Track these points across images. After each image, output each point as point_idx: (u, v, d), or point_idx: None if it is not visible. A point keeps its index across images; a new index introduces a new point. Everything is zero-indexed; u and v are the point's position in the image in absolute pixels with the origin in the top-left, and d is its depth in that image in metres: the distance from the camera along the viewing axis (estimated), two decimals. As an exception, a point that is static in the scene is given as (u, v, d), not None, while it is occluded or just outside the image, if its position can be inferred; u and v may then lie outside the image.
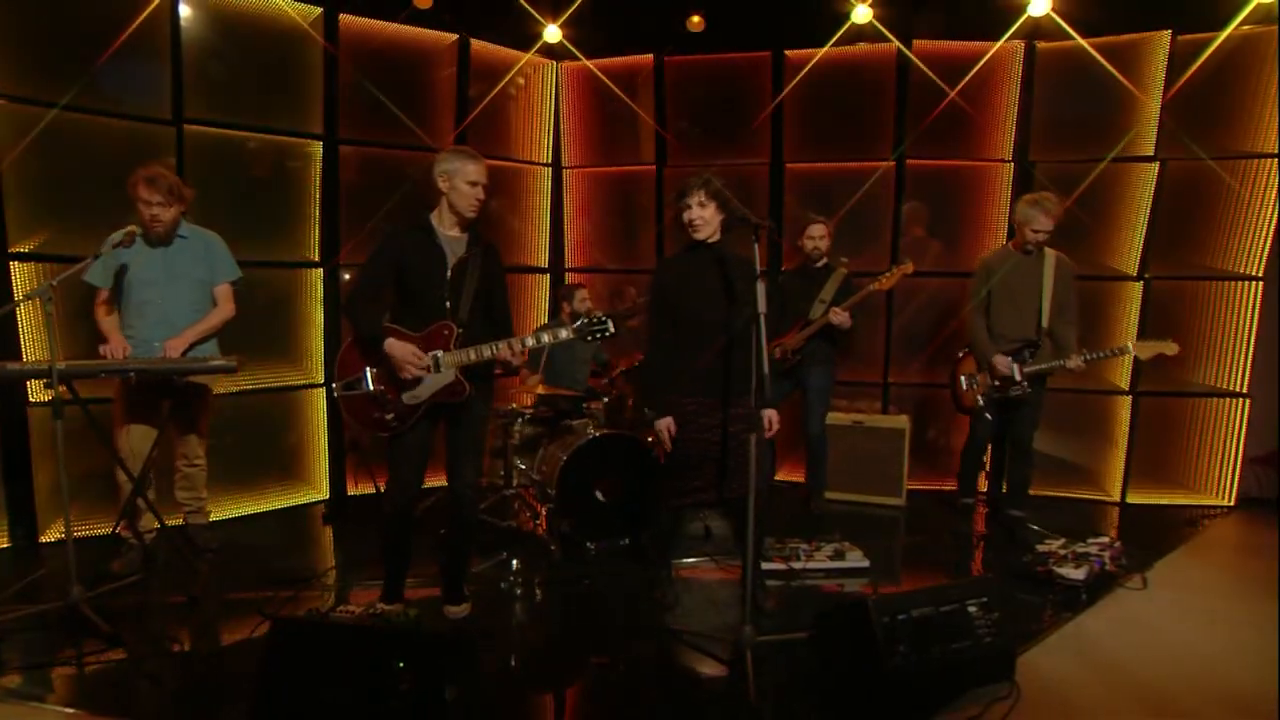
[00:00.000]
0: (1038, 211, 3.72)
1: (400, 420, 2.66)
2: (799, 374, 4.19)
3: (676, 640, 2.84)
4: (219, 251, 3.43)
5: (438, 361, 2.64)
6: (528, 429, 4.11)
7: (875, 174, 4.71)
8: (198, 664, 2.62)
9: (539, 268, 5.28)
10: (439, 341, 2.67)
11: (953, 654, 2.45)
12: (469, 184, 2.64)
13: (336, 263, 4.42)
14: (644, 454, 3.75)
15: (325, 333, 4.46)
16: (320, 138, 4.36)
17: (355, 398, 2.66)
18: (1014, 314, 3.81)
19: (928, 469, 4.76)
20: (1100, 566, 3.32)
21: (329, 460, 4.52)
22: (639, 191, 5.20)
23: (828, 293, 4.12)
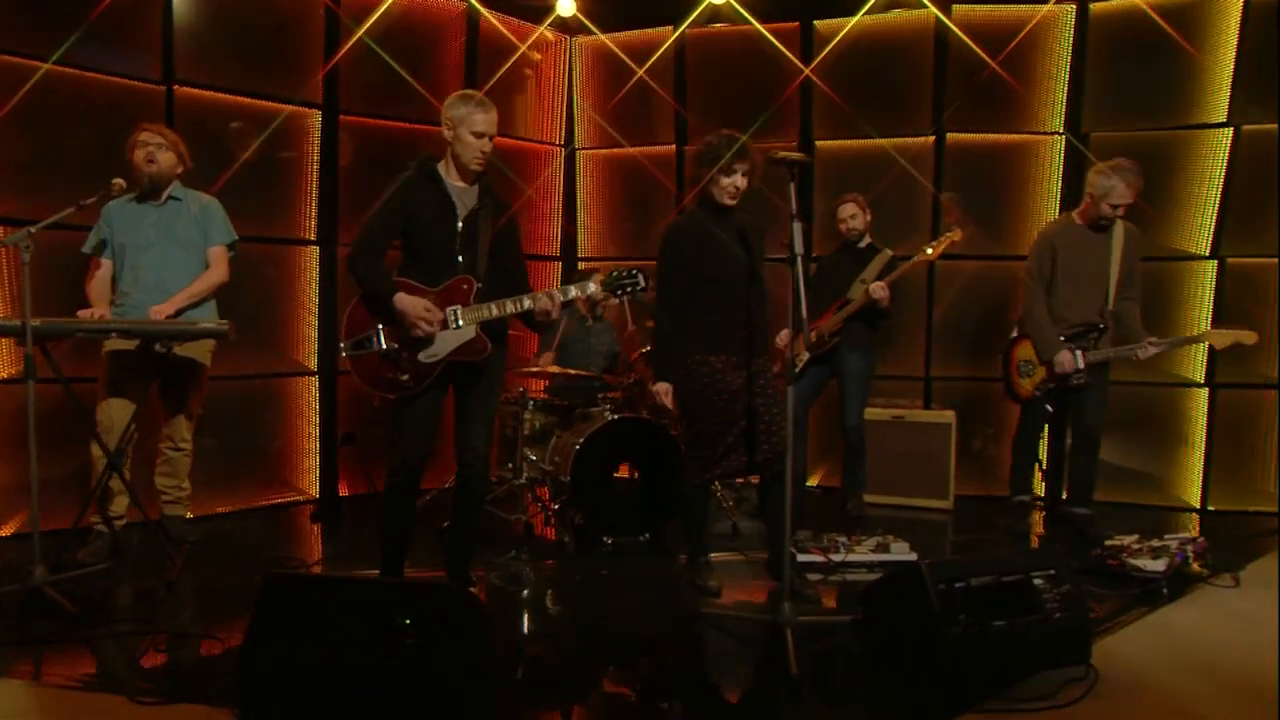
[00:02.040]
0: (1117, 181, 3.62)
1: (416, 380, 2.66)
2: (835, 360, 4.19)
3: (708, 623, 2.83)
4: (215, 214, 3.47)
5: (456, 316, 2.67)
6: (539, 417, 4.12)
7: (912, 151, 4.75)
8: (175, 641, 2.59)
9: (549, 256, 5.35)
10: (458, 297, 2.68)
11: (1019, 629, 2.37)
12: (474, 134, 2.66)
13: (335, 243, 4.47)
14: (665, 439, 3.75)
15: (320, 317, 4.47)
16: (319, 107, 4.41)
17: (365, 357, 2.66)
18: (1076, 294, 3.76)
19: (976, 475, 4.72)
20: (1182, 560, 3.22)
21: (320, 457, 4.50)
22: (658, 174, 5.26)
23: (870, 273, 4.13)
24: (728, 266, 2.91)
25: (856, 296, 4.09)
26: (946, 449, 4.39)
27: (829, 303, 4.22)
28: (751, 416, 2.91)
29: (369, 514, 4.17)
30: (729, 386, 2.90)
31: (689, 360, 2.92)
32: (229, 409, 4.18)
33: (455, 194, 2.73)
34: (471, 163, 2.70)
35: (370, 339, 2.67)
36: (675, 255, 2.94)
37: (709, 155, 2.87)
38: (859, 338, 4.16)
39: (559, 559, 3.57)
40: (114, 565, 3.17)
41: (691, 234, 2.95)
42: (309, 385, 4.51)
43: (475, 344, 2.72)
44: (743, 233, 2.97)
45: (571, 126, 5.32)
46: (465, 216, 2.73)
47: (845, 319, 4.12)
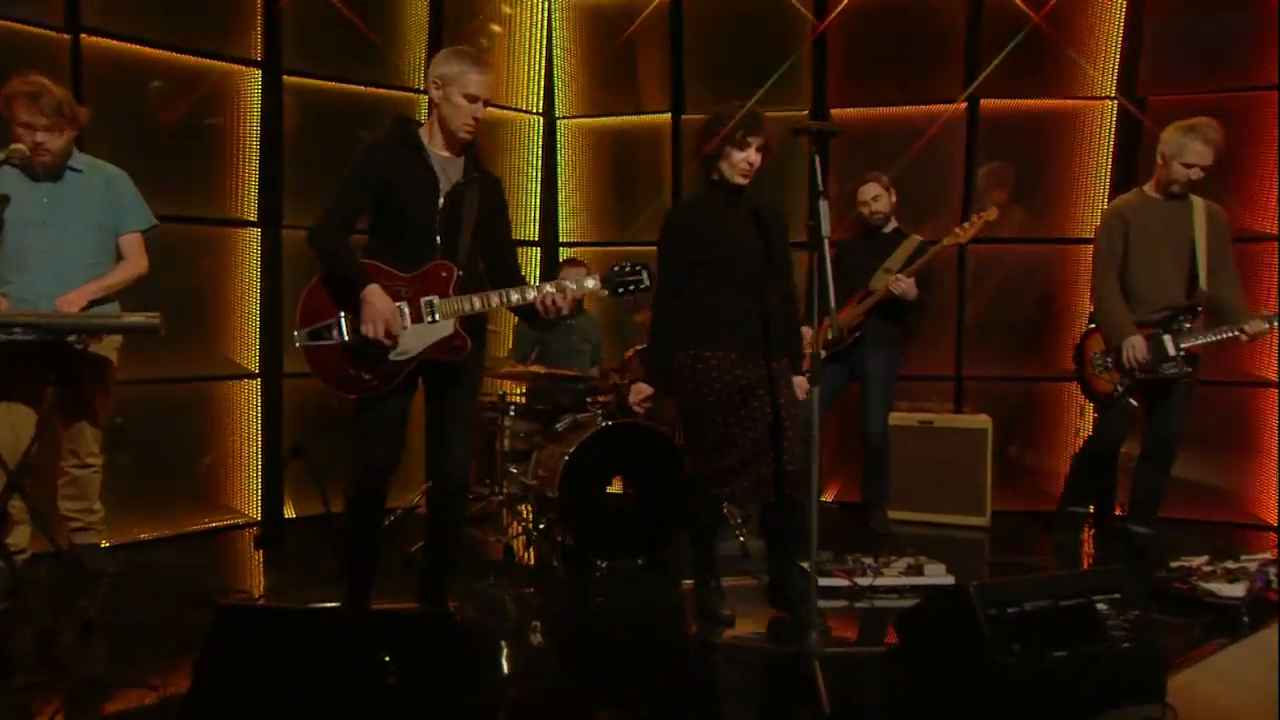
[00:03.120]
0: (1194, 139, 3.59)
1: (382, 380, 2.66)
2: (855, 359, 4.21)
3: (722, 656, 2.83)
4: (125, 192, 3.36)
5: (433, 309, 2.66)
6: (520, 425, 4.14)
7: (941, 119, 4.77)
8: (96, 692, 2.51)
9: (526, 241, 5.30)
10: (435, 285, 2.67)
11: (1082, 660, 2.36)
12: (467, 97, 2.65)
13: (279, 225, 4.42)
14: (666, 448, 3.77)
15: (262, 312, 4.43)
16: (258, 65, 4.35)
17: (324, 350, 2.65)
18: (1157, 274, 3.74)
19: (1015, 487, 4.74)
20: (1264, 584, 3.22)
21: (262, 474, 4.47)
22: (651, 147, 5.23)
23: (895, 261, 4.16)
24: (739, 253, 2.94)
25: (879, 287, 4.12)
26: (981, 458, 4.41)
27: (849, 294, 4.25)
28: (772, 427, 2.90)
29: (322, 538, 4.14)
30: (728, 386, 2.90)
31: (682, 356, 2.94)
32: (153, 418, 4.12)
33: (439, 165, 2.72)
34: (461, 129, 2.69)
35: (330, 329, 2.66)
36: (678, 240, 2.97)
37: (718, 128, 2.89)
38: (882, 334, 4.19)
39: (545, 586, 3.57)
40: (15, 605, 3.06)
41: (697, 217, 2.97)
42: (249, 390, 4.47)
43: (453, 342, 2.70)
44: (757, 215, 2.98)
45: (551, 92, 5.31)
46: (449, 192, 2.71)
47: (866, 313, 4.15)
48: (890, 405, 4.27)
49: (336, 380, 2.67)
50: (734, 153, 2.89)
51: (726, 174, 2.93)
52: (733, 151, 2.89)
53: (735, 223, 2.97)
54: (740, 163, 2.90)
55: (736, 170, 2.92)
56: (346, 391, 2.66)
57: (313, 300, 2.69)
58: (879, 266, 4.16)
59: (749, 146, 2.89)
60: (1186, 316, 3.72)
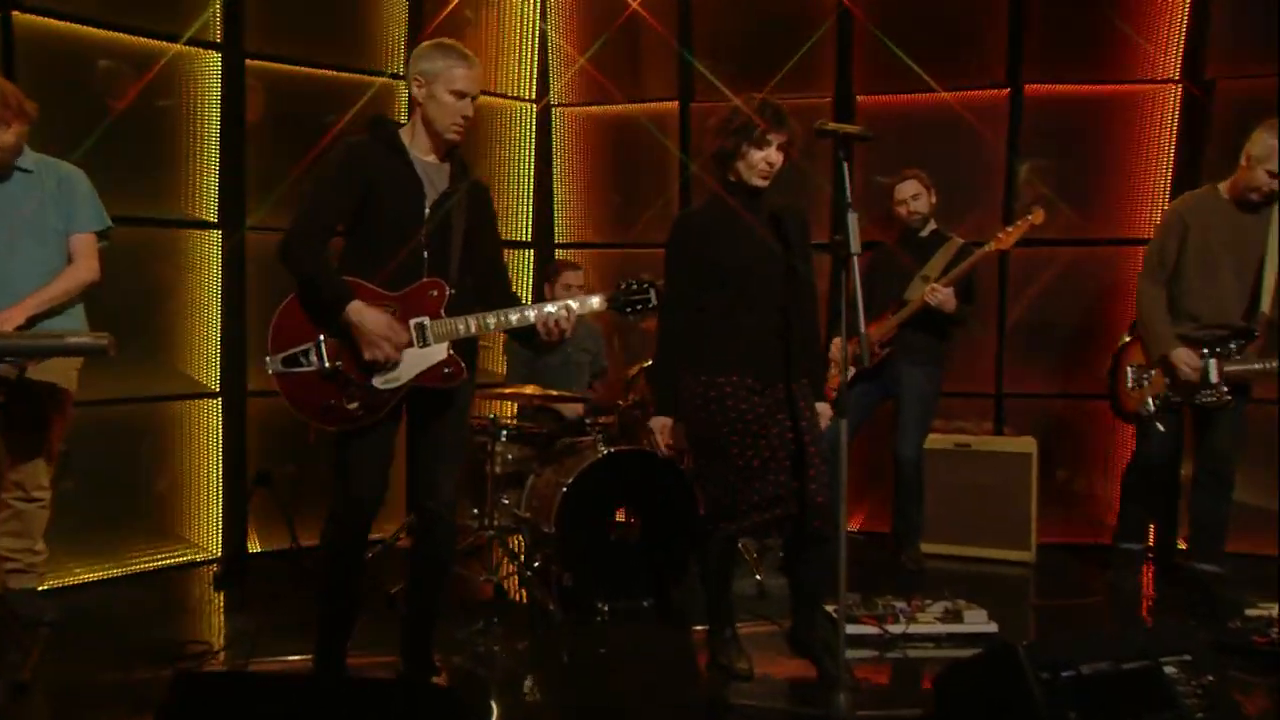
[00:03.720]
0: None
1: (369, 410, 2.65)
2: (890, 375, 4.20)
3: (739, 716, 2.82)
4: (81, 192, 3.32)
5: (425, 332, 2.65)
6: (512, 450, 4.13)
7: (981, 108, 4.72)
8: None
9: (519, 242, 5.30)
10: (426, 305, 2.67)
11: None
12: (454, 94, 2.65)
13: (242, 227, 4.40)
14: (675, 478, 3.76)
15: (224, 324, 4.41)
16: (218, 47, 4.30)
17: (300, 377, 2.63)
18: (1211, 286, 3.72)
19: (1062, 516, 4.72)
20: (1356, 637, 3.19)
21: (223, 504, 4.44)
22: (656, 138, 5.24)
23: (934, 267, 4.14)
24: (757, 264, 2.93)
25: (915, 297, 4.11)
26: (1026, 486, 4.39)
27: (883, 304, 4.22)
28: (794, 455, 2.89)
29: (290, 577, 4.12)
30: (745, 415, 2.89)
31: (692, 382, 2.94)
32: (100, 442, 4.07)
33: (424, 171, 2.72)
34: (448, 130, 2.69)
35: (308, 354, 2.64)
36: (688, 249, 2.95)
37: (736, 125, 2.88)
38: (920, 349, 4.17)
39: (540, 633, 3.55)
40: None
41: (711, 223, 2.95)
42: (209, 411, 4.44)
43: (446, 367, 2.70)
44: (777, 220, 2.97)
45: (546, 77, 5.30)
46: (436, 202, 2.70)
47: (900, 325, 4.14)
48: (927, 428, 4.27)
49: (317, 411, 2.65)
50: (753, 152, 2.88)
51: (744, 175, 2.92)
52: (751, 151, 2.88)
53: (754, 230, 2.94)
54: (759, 163, 2.88)
55: (755, 172, 2.90)
56: (328, 424, 2.66)
57: (287, 321, 2.66)
58: (916, 274, 4.15)
59: (769, 145, 2.87)
60: (1239, 340, 3.70)
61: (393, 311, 2.64)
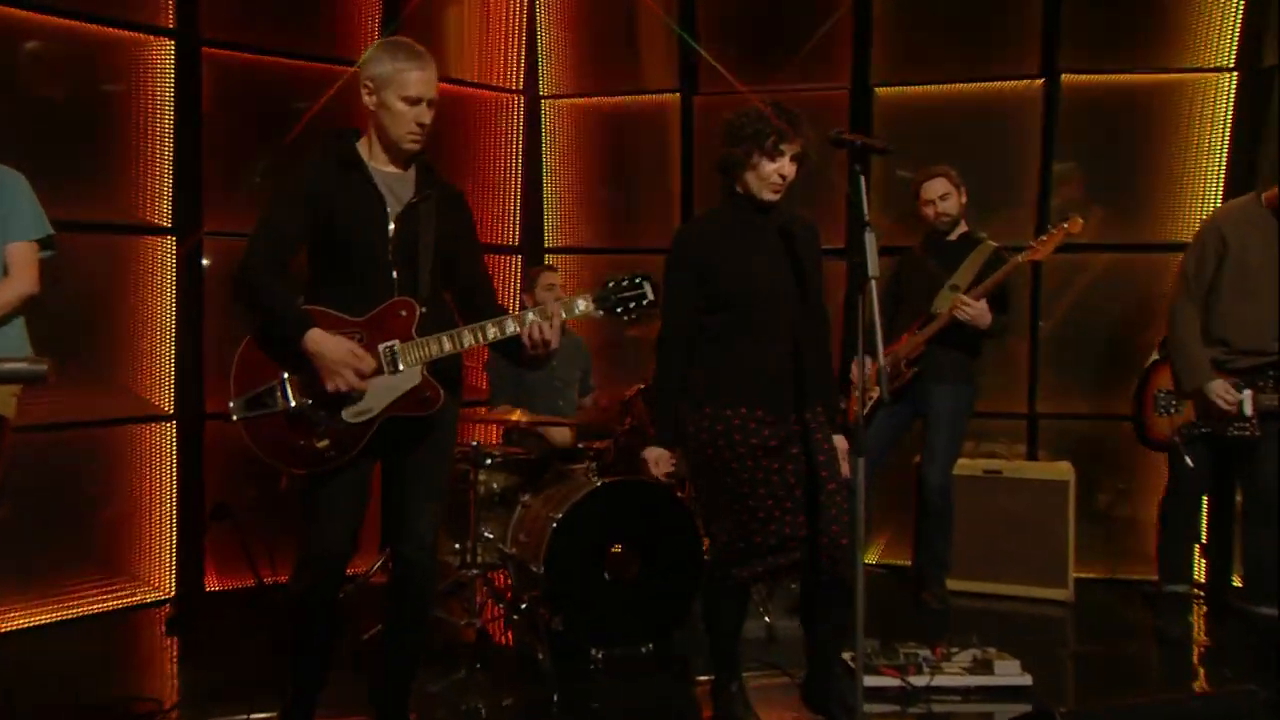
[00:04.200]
0: None
1: (339, 448, 2.66)
2: (918, 394, 4.16)
3: None
4: (17, 196, 3.21)
5: (394, 357, 2.65)
6: (497, 478, 4.11)
7: (1013, 100, 4.71)
8: None
9: (505, 247, 5.29)
10: (394, 328, 2.67)
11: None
12: (405, 101, 2.64)
13: (199, 232, 4.36)
14: (676, 511, 3.75)
15: (179, 340, 4.38)
16: (171, 33, 4.27)
17: (266, 421, 2.65)
18: (1252, 310, 3.69)
19: (1103, 548, 4.69)
20: None
21: (177, 539, 4.40)
22: (655, 132, 5.20)
23: (963, 275, 4.09)
24: (767, 284, 2.91)
25: (943, 310, 4.06)
26: (1063, 516, 4.35)
27: (910, 316, 4.17)
28: (810, 492, 2.87)
29: (251, 619, 4.06)
30: (755, 450, 2.87)
31: (695, 415, 2.91)
32: (41, 471, 4.02)
33: (384, 183, 2.72)
34: (404, 140, 2.68)
35: (272, 393, 2.65)
36: (690, 267, 2.93)
37: (747, 131, 2.85)
38: (949, 366, 4.12)
39: (527, 683, 3.49)
40: None
41: (716, 238, 2.94)
42: (162, 435, 4.40)
43: (422, 393, 2.68)
44: (788, 236, 2.95)
45: (535, 66, 5.28)
46: (400, 214, 2.71)
47: (928, 341, 4.09)
48: (956, 452, 4.23)
49: (285, 454, 2.66)
50: (764, 163, 2.85)
51: (753, 188, 2.89)
52: (763, 162, 2.85)
53: (762, 247, 2.93)
54: (771, 175, 2.86)
55: (766, 185, 2.87)
56: (297, 467, 2.67)
57: (247, 362, 2.67)
58: (945, 282, 4.10)
59: (782, 156, 2.85)
60: (1276, 370, 3.67)
61: (359, 338, 2.63)
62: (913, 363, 4.10)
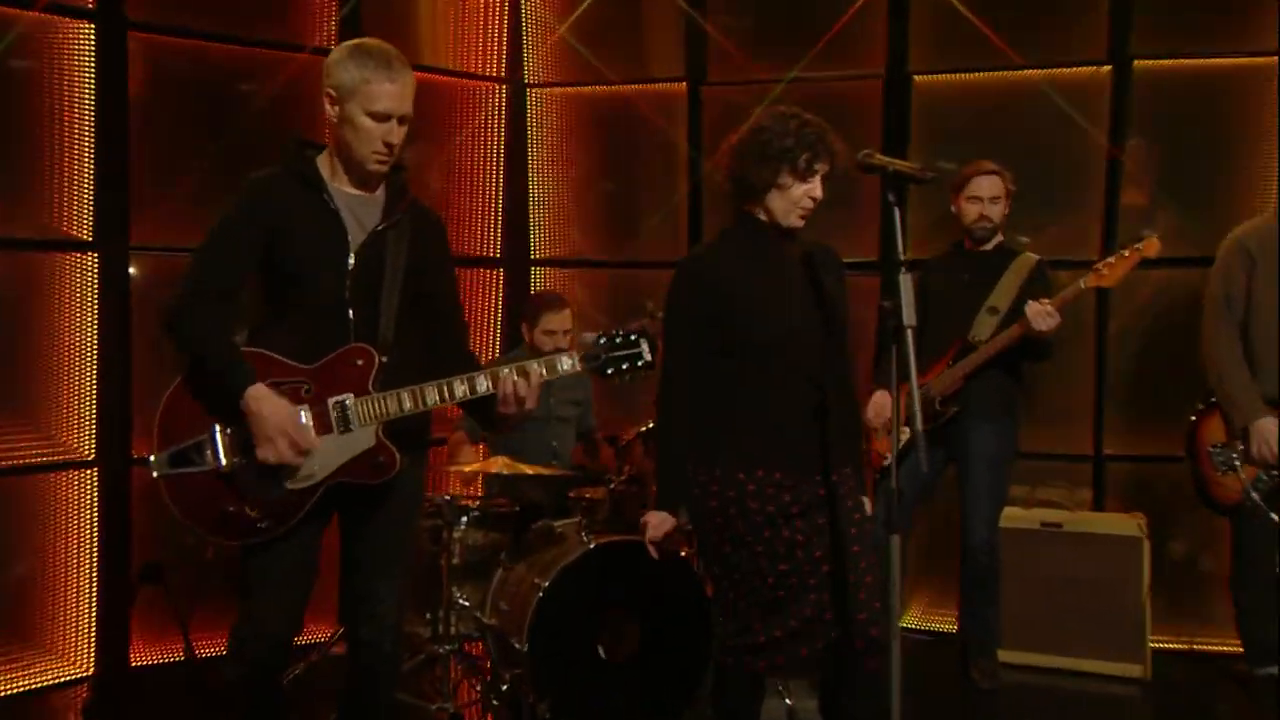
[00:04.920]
0: None
1: (276, 518, 2.66)
2: (954, 435, 4.10)
3: None
4: None
5: (346, 414, 2.65)
6: (473, 536, 4.08)
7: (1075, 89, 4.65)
8: None
9: (486, 259, 5.28)
10: (349, 378, 2.68)
11: None
12: (372, 116, 2.64)
13: (125, 246, 4.35)
14: (682, 577, 3.76)
15: (100, 373, 4.33)
16: (90, 15, 4.23)
17: (191, 480, 2.65)
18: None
19: (1183, 615, 4.59)
20: None
21: (98, 605, 4.36)
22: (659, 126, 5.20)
23: (1002, 296, 4.04)
24: (791, 325, 2.87)
25: (984, 337, 3.99)
26: (1136, 577, 4.28)
27: (936, 345, 4.09)
28: (836, 565, 2.83)
29: (183, 699, 4.05)
30: (774, 519, 2.84)
31: (707, 477, 2.88)
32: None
33: (347, 208, 2.72)
34: (368, 161, 2.68)
35: (201, 449, 2.64)
36: (699, 306, 2.89)
37: (772, 149, 2.80)
38: (990, 400, 4.04)
39: None
40: None
41: (730, 271, 2.90)
42: (81, 483, 4.35)
43: (375, 457, 2.68)
44: (811, 266, 2.92)
45: (519, 50, 5.27)
46: (363, 244, 2.71)
47: (968, 376, 4.01)
48: (1002, 500, 4.18)
49: (213, 523, 2.66)
50: (796, 186, 2.80)
51: (778, 213, 2.85)
52: (795, 184, 2.80)
53: (785, 280, 2.89)
54: (802, 199, 2.82)
55: (795, 209, 2.83)
56: (227, 536, 2.67)
57: (176, 409, 2.67)
58: (981, 304, 4.04)
59: (815, 176, 2.81)
60: None
61: (306, 389, 2.64)
62: (948, 400, 4.02)
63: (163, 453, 2.63)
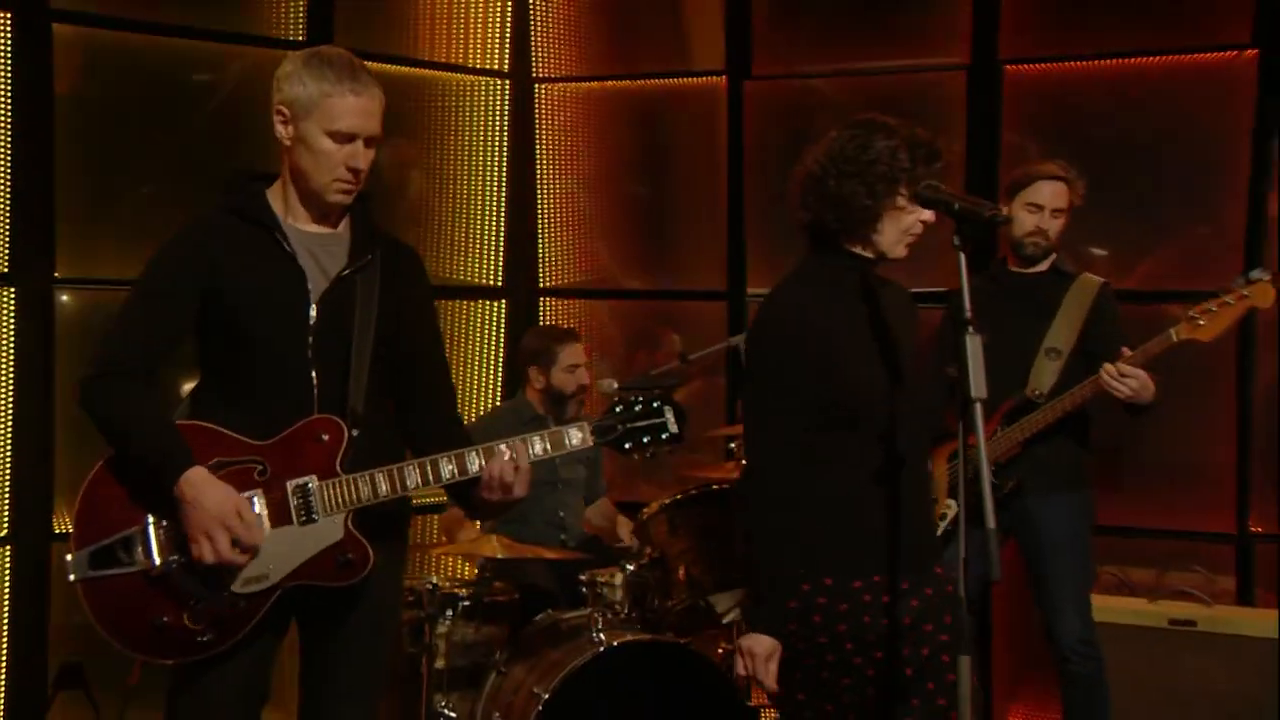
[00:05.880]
0: None
1: (220, 630, 2.61)
2: (1014, 508, 4.00)
3: None
4: None
5: (309, 501, 2.62)
6: (464, 631, 4.06)
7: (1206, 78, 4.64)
8: None
9: (485, 289, 5.33)
10: (311, 457, 2.65)
11: None
12: (333, 137, 2.63)
13: (48, 280, 4.39)
14: (716, 685, 3.74)
15: (16, 430, 4.35)
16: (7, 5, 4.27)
17: (116, 582, 2.59)
18: None
19: None
20: None
21: (7, 709, 4.38)
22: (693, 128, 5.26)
23: (1063, 334, 3.95)
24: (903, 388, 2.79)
25: (1043, 389, 3.88)
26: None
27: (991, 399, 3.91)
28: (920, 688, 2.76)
29: None
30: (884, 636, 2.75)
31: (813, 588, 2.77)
32: None
33: (304, 249, 2.70)
34: (328, 190, 2.65)
35: (130, 545, 2.60)
36: (802, 362, 2.77)
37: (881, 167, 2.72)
38: (1057, 468, 3.95)
39: None
40: None
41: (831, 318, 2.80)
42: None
43: (343, 554, 2.64)
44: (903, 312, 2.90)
45: (524, 39, 5.31)
46: (326, 292, 2.69)
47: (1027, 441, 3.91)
48: (1090, 583, 4.05)
49: (144, 636, 2.60)
50: (910, 211, 2.74)
51: (885, 243, 2.78)
52: (908, 209, 2.73)
53: (890, 332, 2.82)
54: (913, 225, 2.77)
55: (905, 238, 2.78)
56: (160, 654, 2.65)
57: (98, 497, 2.63)
58: (1038, 343, 3.94)
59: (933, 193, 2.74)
60: None
61: (260, 471, 2.60)
62: (1005, 469, 3.90)
63: (82, 550, 2.58)
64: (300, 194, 2.70)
